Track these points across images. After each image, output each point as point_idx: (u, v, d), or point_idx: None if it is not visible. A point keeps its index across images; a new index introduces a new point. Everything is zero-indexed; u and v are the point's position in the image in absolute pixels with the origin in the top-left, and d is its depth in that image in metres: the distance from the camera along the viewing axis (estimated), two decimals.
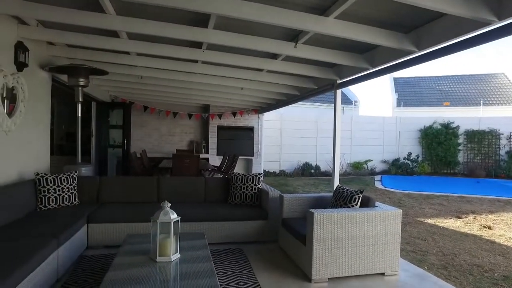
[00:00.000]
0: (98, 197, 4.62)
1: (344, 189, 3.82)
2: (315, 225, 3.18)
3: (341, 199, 3.68)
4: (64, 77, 5.41)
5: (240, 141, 11.18)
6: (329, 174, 13.63)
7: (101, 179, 4.75)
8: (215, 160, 10.68)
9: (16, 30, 4.06)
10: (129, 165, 8.73)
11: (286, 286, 3.16)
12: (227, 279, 3.18)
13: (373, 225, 3.33)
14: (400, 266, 3.55)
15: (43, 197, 4.04)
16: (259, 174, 4.83)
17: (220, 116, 10.67)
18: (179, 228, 2.66)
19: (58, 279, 3.07)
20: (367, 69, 4.51)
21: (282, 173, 13.67)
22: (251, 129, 11.30)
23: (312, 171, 13.84)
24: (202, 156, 9.97)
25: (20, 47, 4.06)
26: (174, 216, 2.61)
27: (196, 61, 5.36)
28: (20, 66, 4.09)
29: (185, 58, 5.03)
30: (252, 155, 11.32)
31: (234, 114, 10.90)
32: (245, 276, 3.28)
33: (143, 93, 8.64)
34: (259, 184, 4.69)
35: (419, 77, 24.36)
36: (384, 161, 15.34)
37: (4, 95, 3.82)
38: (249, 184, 4.68)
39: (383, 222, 3.37)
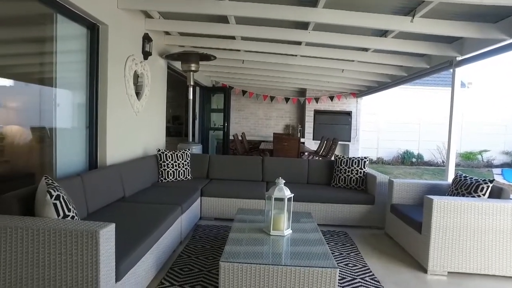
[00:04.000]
0: (208, 174, 5.01)
1: (467, 177, 3.40)
2: (434, 213, 2.92)
3: (464, 188, 3.29)
4: (176, 64, 5.94)
5: (337, 125, 10.87)
6: (433, 164, 12.37)
7: (211, 157, 5.13)
8: (310, 144, 10.61)
9: (143, 23, 4.59)
10: (229, 147, 9.29)
11: (399, 274, 2.99)
12: (336, 260, 3.15)
13: (509, 219, 2.90)
14: None
15: (163, 171, 4.55)
16: (365, 157, 4.63)
17: (317, 100, 10.51)
18: (292, 205, 2.72)
19: (181, 242, 3.47)
20: (502, 40, 3.84)
21: (380, 161, 12.89)
22: (348, 114, 10.86)
23: (414, 159, 12.72)
24: None
25: (146, 38, 4.59)
26: (288, 192, 2.67)
27: (300, 43, 5.31)
28: (146, 55, 4.63)
29: (289, 40, 5.03)
30: (349, 140, 10.91)
31: (332, 98, 10.61)
32: (353, 259, 3.21)
33: (242, 78, 8.99)
34: (365, 168, 4.50)
35: None
36: (506, 153, 13.13)
37: (133, 81, 4.39)
38: (354, 168, 4.52)
39: None
